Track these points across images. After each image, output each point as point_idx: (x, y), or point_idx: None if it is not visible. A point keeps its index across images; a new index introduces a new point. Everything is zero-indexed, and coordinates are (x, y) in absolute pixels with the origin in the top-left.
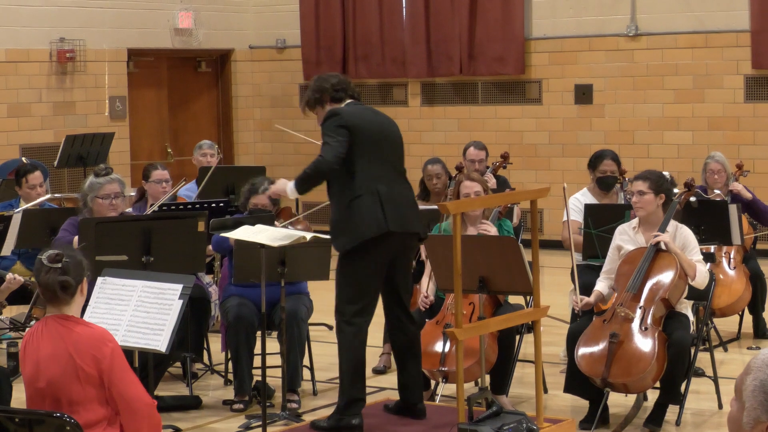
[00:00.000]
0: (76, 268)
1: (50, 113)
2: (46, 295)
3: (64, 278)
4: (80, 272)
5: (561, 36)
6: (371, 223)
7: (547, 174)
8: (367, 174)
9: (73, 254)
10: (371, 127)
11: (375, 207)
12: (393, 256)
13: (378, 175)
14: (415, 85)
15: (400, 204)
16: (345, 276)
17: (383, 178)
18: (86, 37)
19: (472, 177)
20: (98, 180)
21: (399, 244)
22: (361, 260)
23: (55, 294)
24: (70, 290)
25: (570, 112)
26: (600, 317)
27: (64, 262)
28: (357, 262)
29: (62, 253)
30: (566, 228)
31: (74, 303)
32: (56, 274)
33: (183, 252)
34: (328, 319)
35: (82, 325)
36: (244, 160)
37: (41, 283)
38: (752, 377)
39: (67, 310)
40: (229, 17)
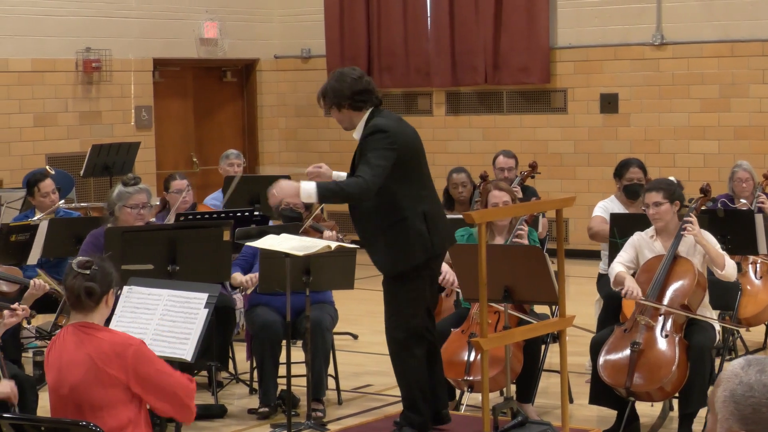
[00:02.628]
0: (103, 277)
1: (76, 123)
2: (70, 300)
3: (89, 284)
4: (107, 282)
5: (586, 45)
6: (420, 247)
7: (573, 183)
8: (413, 194)
9: (103, 264)
10: (413, 145)
11: (422, 230)
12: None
13: (422, 195)
14: (440, 94)
15: (442, 222)
16: (401, 295)
17: (426, 197)
18: (112, 47)
19: (500, 186)
20: (127, 189)
21: (440, 261)
22: (415, 280)
23: (79, 299)
24: (95, 297)
25: (595, 121)
26: (621, 327)
27: (92, 269)
28: (408, 284)
29: (92, 260)
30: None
31: (98, 311)
32: (83, 280)
33: (208, 261)
34: (353, 328)
35: (103, 331)
36: (269, 169)
37: (67, 287)
38: (722, 388)
39: (91, 318)
40: (255, 27)
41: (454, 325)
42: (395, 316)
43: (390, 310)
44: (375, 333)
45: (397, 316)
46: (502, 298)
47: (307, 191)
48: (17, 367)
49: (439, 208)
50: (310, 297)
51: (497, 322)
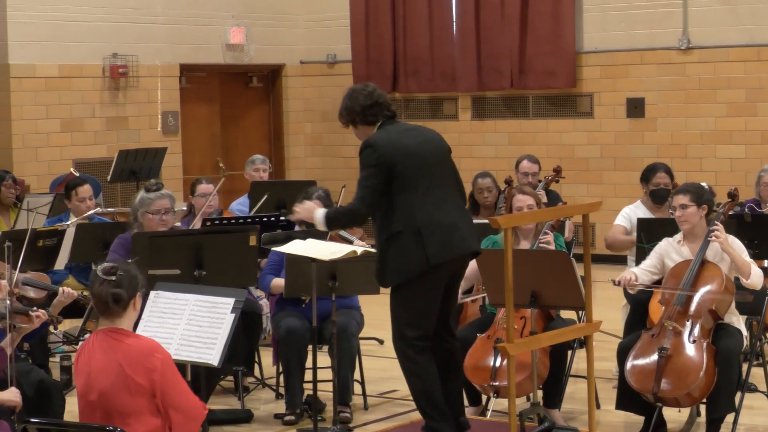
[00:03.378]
0: (130, 282)
1: (103, 128)
2: (98, 307)
3: (116, 291)
4: (134, 287)
5: (612, 49)
6: (413, 261)
7: (599, 188)
8: (407, 207)
9: (128, 269)
10: (409, 156)
11: (416, 244)
12: (447, 280)
13: (418, 207)
14: (466, 99)
15: (445, 232)
16: (399, 305)
17: (424, 208)
18: (139, 53)
19: (524, 191)
20: (149, 195)
21: (451, 269)
22: (413, 293)
23: (107, 306)
24: (122, 303)
25: (622, 125)
26: (648, 332)
27: (118, 275)
28: (408, 295)
29: (117, 266)
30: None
31: (126, 317)
32: (109, 287)
33: (234, 266)
34: (379, 333)
35: (132, 338)
36: (295, 174)
37: (94, 295)
38: None
39: (119, 323)
40: (280, 33)
41: (480, 331)
42: (395, 326)
43: (392, 321)
44: None
45: (396, 326)
46: (529, 303)
47: (319, 220)
48: (44, 371)
49: (446, 215)
50: (336, 302)
51: (523, 327)
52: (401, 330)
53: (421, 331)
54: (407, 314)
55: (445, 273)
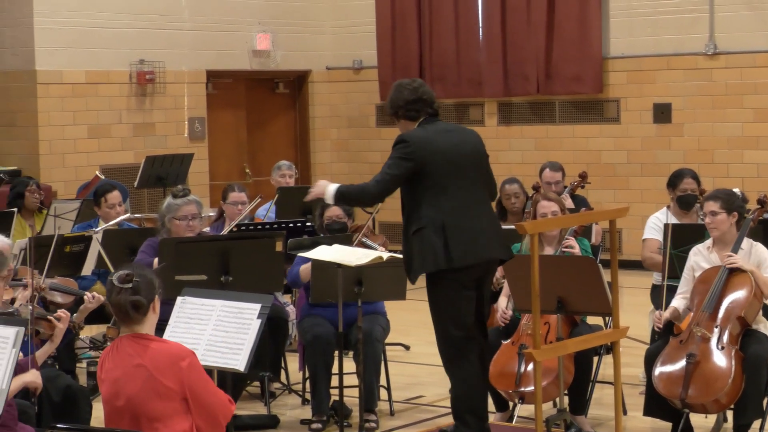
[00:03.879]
0: (147, 287)
1: (130, 134)
2: (118, 316)
3: (135, 298)
4: (151, 291)
5: (639, 55)
6: (429, 257)
7: (626, 194)
8: (435, 205)
9: (143, 273)
10: (441, 156)
11: (437, 241)
12: (478, 282)
13: (447, 207)
14: (492, 104)
15: (471, 235)
16: (434, 305)
17: (453, 210)
18: (166, 59)
19: (548, 197)
20: (175, 201)
21: (476, 273)
22: (440, 289)
23: (127, 314)
24: (142, 309)
25: (648, 131)
26: (676, 338)
27: (134, 281)
28: (436, 292)
29: (132, 273)
30: (646, 248)
31: (147, 322)
32: (127, 294)
33: (261, 271)
34: (405, 339)
35: (157, 342)
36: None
37: (113, 304)
38: None
39: (140, 329)
40: (306, 38)
41: (504, 337)
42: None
43: (434, 324)
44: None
45: (439, 328)
46: (555, 309)
47: (329, 192)
48: (71, 377)
49: (469, 221)
50: (361, 308)
51: (548, 333)
52: (444, 330)
53: (463, 331)
54: (448, 316)
55: (470, 276)
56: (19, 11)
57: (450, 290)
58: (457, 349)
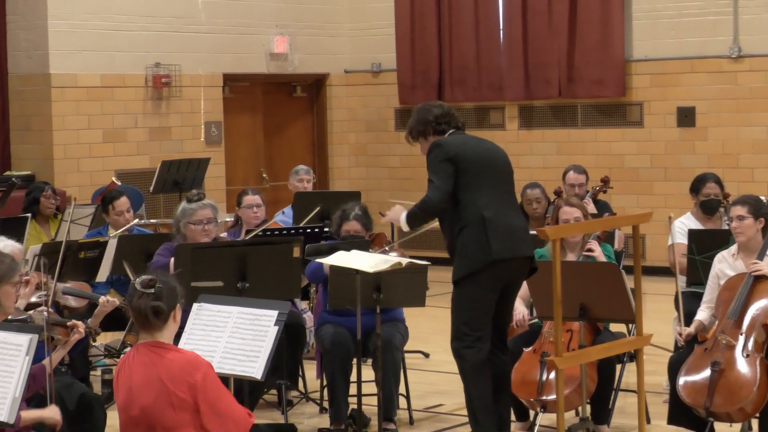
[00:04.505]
0: (169, 294)
1: (146, 139)
2: (138, 321)
3: (156, 303)
4: (173, 298)
5: (662, 58)
6: (477, 252)
7: (649, 198)
8: (473, 202)
9: (166, 280)
10: (476, 155)
11: (480, 236)
12: (505, 282)
13: (484, 203)
14: (513, 108)
15: (508, 230)
16: (460, 303)
17: (490, 205)
18: (182, 63)
19: (571, 202)
20: (190, 206)
21: (510, 270)
22: (474, 288)
23: (147, 319)
24: (162, 316)
25: (672, 135)
26: (701, 346)
27: (157, 287)
28: (469, 291)
29: (156, 278)
30: (672, 252)
31: (166, 329)
32: (149, 299)
33: (278, 278)
34: (424, 347)
35: (173, 351)
36: (339, 185)
37: (133, 308)
38: None
39: (159, 337)
40: (324, 42)
41: (526, 344)
42: (453, 327)
43: (452, 321)
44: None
45: (455, 326)
46: (578, 316)
47: (404, 221)
48: (86, 385)
49: (510, 217)
50: (380, 315)
51: (570, 340)
52: (460, 329)
53: (479, 332)
54: (467, 313)
55: (505, 272)
56: (34, 14)
57: (475, 290)
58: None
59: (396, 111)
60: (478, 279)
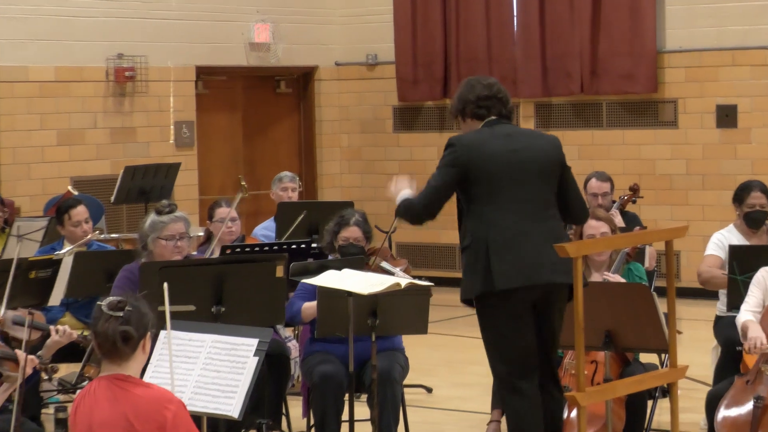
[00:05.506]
0: (140, 319)
1: (107, 141)
2: (103, 348)
3: (125, 328)
4: (144, 325)
5: (699, 48)
6: (477, 279)
7: (685, 210)
8: (478, 218)
9: (138, 304)
10: (491, 162)
11: (481, 260)
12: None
13: (491, 220)
14: (528, 106)
15: (518, 253)
16: (483, 332)
17: (500, 222)
18: (148, 53)
19: (597, 215)
20: (161, 218)
21: (532, 296)
22: (487, 315)
23: (114, 346)
24: (131, 343)
25: (711, 136)
26: (742, 378)
27: (126, 310)
28: (484, 316)
29: (126, 300)
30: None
31: (134, 360)
32: (116, 324)
33: (259, 301)
34: (427, 380)
35: (141, 386)
36: (330, 194)
37: (98, 333)
38: None
39: (126, 368)
40: (313, 30)
41: None
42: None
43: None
44: (452, 386)
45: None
46: (603, 344)
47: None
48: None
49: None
50: (376, 343)
51: (594, 373)
52: (493, 366)
53: (512, 366)
54: (494, 347)
55: (521, 302)
56: None
57: (496, 318)
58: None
59: (395, 109)
60: (487, 305)
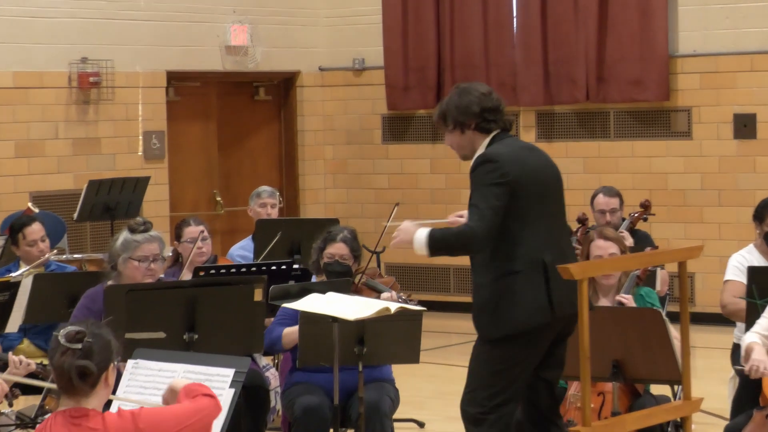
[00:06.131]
0: (101, 351)
1: (69, 153)
2: (60, 383)
3: (83, 363)
4: (106, 357)
5: (715, 53)
6: (534, 309)
7: (700, 228)
8: (532, 240)
9: (99, 333)
10: (536, 176)
11: (539, 288)
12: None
13: (545, 242)
14: (529, 115)
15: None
16: (490, 364)
17: (551, 243)
18: (115, 57)
19: (605, 234)
20: (134, 237)
21: (566, 323)
22: (516, 350)
23: (70, 382)
24: (91, 379)
25: (728, 148)
26: (761, 411)
27: (86, 342)
28: (508, 352)
29: (85, 330)
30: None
31: (95, 396)
32: (74, 357)
33: (235, 327)
34: (419, 414)
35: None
36: (313, 210)
37: (55, 367)
38: None
39: (86, 403)
40: (294, 32)
41: None
42: (475, 389)
43: (470, 381)
44: (447, 419)
45: (477, 389)
46: (610, 375)
47: (420, 243)
48: None
49: (565, 258)
50: (363, 373)
51: (601, 406)
52: (477, 394)
53: (501, 397)
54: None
55: (556, 328)
56: None
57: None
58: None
59: (384, 118)
60: (526, 339)
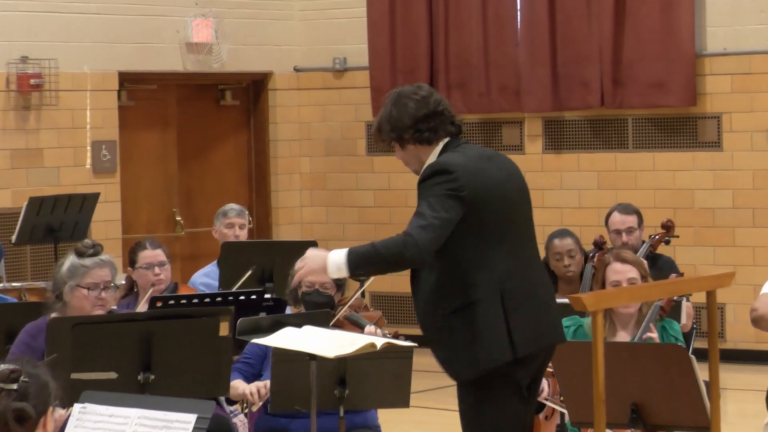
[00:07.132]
0: (39, 392)
1: (6, 166)
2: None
3: (19, 406)
4: (44, 399)
5: (748, 51)
6: (493, 346)
7: (731, 252)
8: (490, 267)
9: (35, 372)
10: (496, 191)
11: (497, 321)
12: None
13: (505, 268)
14: (535, 122)
15: (536, 307)
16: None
17: (513, 271)
18: (59, 56)
19: (623, 257)
20: (82, 262)
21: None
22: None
23: (6, 427)
24: (28, 424)
25: (763, 161)
26: None
27: (22, 382)
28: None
29: (20, 369)
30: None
31: None
32: (9, 399)
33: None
34: None
35: None
36: (287, 231)
37: None
38: None
39: None
40: (266, 27)
41: None
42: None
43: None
44: None
45: None
46: (629, 420)
47: (336, 263)
48: None
49: (530, 285)
50: (345, 419)
51: None
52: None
53: None
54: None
55: (531, 370)
56: None
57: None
58: None
59: (368, 127)
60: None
